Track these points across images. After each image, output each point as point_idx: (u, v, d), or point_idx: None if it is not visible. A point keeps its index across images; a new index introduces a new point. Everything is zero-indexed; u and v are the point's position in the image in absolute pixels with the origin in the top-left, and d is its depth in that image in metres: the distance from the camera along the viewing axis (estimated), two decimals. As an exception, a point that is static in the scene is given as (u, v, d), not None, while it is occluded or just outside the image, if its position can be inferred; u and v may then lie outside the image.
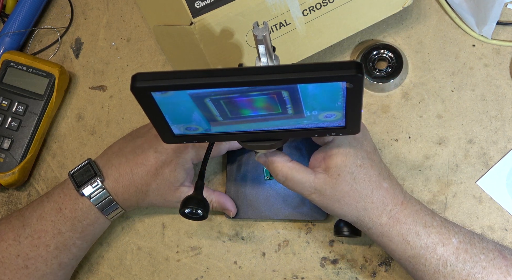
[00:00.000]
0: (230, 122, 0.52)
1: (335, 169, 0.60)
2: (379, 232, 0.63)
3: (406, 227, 0.61)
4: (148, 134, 0.70)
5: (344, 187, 0.61)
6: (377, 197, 0.61)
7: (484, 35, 0.74)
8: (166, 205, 0.71)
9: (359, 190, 0.61)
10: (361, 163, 0.61)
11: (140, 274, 0.76)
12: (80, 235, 0.69)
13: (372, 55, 0.74)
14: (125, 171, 0.68)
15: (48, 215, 0.68)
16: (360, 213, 0.62)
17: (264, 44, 0.52)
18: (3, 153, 0.76)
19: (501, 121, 0.73)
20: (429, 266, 0.61)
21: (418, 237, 0.61)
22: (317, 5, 0.67)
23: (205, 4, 0.65)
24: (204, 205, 0.68)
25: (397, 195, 0.62)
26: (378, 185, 0.61)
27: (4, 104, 0.77)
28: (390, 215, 0.62)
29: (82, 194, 0.68)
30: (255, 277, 0.74)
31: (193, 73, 0.45)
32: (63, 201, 0.69)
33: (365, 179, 0.61)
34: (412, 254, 0.62)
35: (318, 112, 0.50)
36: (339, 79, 0.44)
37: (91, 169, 0.69)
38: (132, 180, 0.68)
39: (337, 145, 0.61)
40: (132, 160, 0.68)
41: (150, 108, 0.49)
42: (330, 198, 0.62)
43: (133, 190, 0.69)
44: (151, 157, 0.68)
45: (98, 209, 0.68)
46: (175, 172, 0.68)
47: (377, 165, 0.62)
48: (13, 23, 0.80)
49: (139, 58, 0.80)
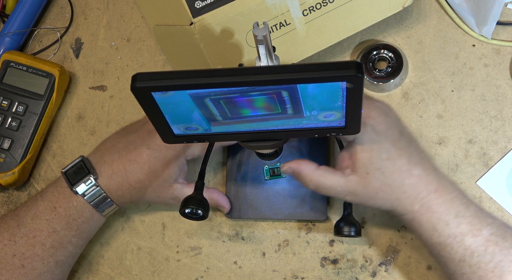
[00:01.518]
0: (230, 122, 0.52)
1: (363, 168, 0.60)
2: (411, 218, 0.62)
3: (436, 215, 0.61)
4: (141, 129, 0.70)
5: (374, 184, 0.61)
6: (409, 186, 0.61)
7: (484, 35, 0.74)
8: (160, 201, 0.71)
9: (390, 183, 0.61)
10: (387, 156, 0.60)
11: (140, 274, 0.76)
12: (75, 233, 0.69)
13: (372, 55, 0.74)
14: (118, 168, 0.68)
15: (43, 214, 0.68)
16: (394, 203, 0.62)
17: (264, 44, 0.52)
18: (3, 153, 0.76)
19: (501, 121, 0.73)
20: (454, 254, 0.61)
21: (447, 226, 0.61)
22: (317, 5, 0.67)
23: (205, 4, 0.65)
24: (204, 205, 0.68)
25: (430, 181, 0.61)
26: (408, 174, 0.61)
27: (4, 104, 0.77)
28: (422, 203, 0.61)
29: (76, 192, 0.68)
30: (255, 277, 0.74)
31: (193, 73, 0.45)
32: (57, 199, 0.69)
33: (394, 171, 0.60)
34: (438, 241, 0.61)
35: (318, 112, 0.50)
36: (339, 79, 0.44)
37: (84, 167, 0.68)
38: (126, 177, 0.68)
39: (360, 143, 0.60)
40: (125, 156, 0.68)
41: (150, 108, 0.49)
42: (364, 197, 0.62)
43: (127, 187, 0.68)
44: (144, 153, 0.67)
45: (93, 206, 0.68)
46: (168, 169, 0.68)
47: (406, 152, 0.61)
48: (13, 23, 0.80)
49: (139, 58, 0.80)
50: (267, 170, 0.74)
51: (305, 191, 0.73)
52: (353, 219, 0.69)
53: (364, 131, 0.59)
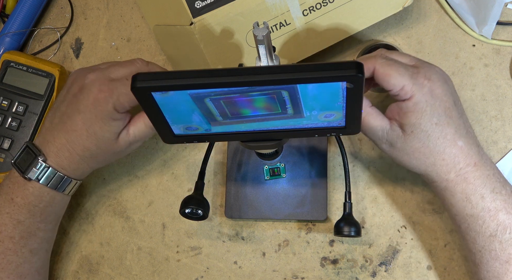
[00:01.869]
0: (230, 122, 0.52)
1: (409, 126, 0.60)
2: (443, 186, 0.62)
3: (472, 187, 0.60)
4: (67, 95, 0.67)
5: (416, 143, 0.60)
6: (449, 155, 0.60)
7: (484, 35, 0.74)
8: (120, 156, 0.69)
9: (431, 147, 0.60)
10: (437, 121, 0.60)
11: (140, 274, 0.76)
12: (40, 218, 0.68)
13: (372, 55, 0.74)
14: (61, 142, 0.66)
15: (2, 208, 0.67)
16: (429, 168, 0.62)
17: (265, 44, 0.52)
18: (3, 153, 0.76)
19: (501, 121, 0.73)
20: (486, 228, 0.60)
21: (482, 199, 0.60)
22: (317, 5, 0.67)
23: (205, 4, 0.65)
24: (204, 205, 0.68)
25: (471, 155, 0.61)
26: (452, 143, 0.60)
27: (4, 104, 0.77)
28: (458, 173, 0.61)
29: (29, 178, 0.66)
30: (255, 277, 0.74)
31: (193, 73, 0.45)
32: (12, 190, 0.67)
33: (440, 136, 0.60)
34: (471, 213, 0.61)
35: (318, 112, 0.50)
36: (339, 79, 0.44)
37: (31, 151, 0.66)
38: (71, 149, 0.66)
39: (414, 103, 0.59)
40: (63, 129, 0.66)
41: (150, 108, 0.49)
42: (400, 151, 0.62)
43: (77, 159, 0.67)
44: (78, 119, 0.65)
45: (51, 188, 0.67)
46: (105, 126, 0.65)
47: (455, 122, 0.60)
48: (13, 23, 0.80)
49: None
50: (267, 170, 0.74)
51: (305, 191, 0.73)
52: (353, 219, 0.69)
53: (422, 91, 0.59)
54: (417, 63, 0.61)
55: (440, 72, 0.61)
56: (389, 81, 0.59)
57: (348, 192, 0.70)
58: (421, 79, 0.59)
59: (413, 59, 0.62)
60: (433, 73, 0.60)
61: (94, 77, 0.65)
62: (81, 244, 0.77)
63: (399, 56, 0.62)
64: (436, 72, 0.61)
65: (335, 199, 0.74)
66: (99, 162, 0.69)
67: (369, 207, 0.74)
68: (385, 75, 0.59)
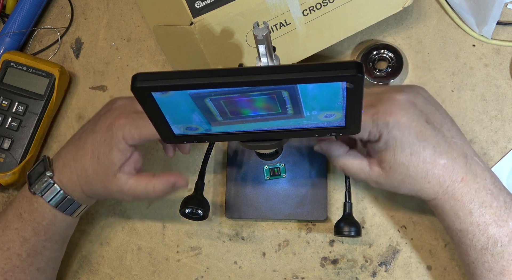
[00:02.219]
0: (230, 122, 0.52)
1: (386, 163, 0.61)
2: (434, 204, 0.62)
3: (460, 204, 0.60)
4: (95, 116, 0.66)
5: (397, 176, 0.61)
6: (432, 177, 0.60)
7: (484, 35, 0.74)
8: (110, 195, 0.66)
9: (413, 175, 0.60)
10: (410, 151, 0.60)
11: (140, 274, 0.76)
12: (45, 237, 0.66)
13: (372, 55, 0.74)
14: (68, 158, 0.65)
15: (11, 223, 0.66)
16: (418, 192, 0.62)
17: (265, 44, 0.52)
18: (3, 153, 0.76)
19: (501, 121, 0.73)
20: (476, 242, 0.60)
21: (470, 215, 0.60)
22: (317, 5, 0.67)
23: (205, 4, 0.65)
24: (204, 205, 0.68)
25: (457, 170, 0.60)
26: (433, 165, 0.60)
27: (4, 104, 0.77)
28: (446, 191, 0.61)
29: (33, 192, 0.65)
30: (255, 277, 0.74)
31: (193, 73, 0.45)
32: (21, 204, 0.66)
33: (418, 164, 0.60)
34: (460, 228, 0.61)
35: (318, 112, 0.50)
36: (339, 79, 0.44)
37: (43, 165, 0.65)
38: (74, 167, 0.64)
39: (383, 142, 0.60)
40: (75, 145, 0.65)
41: (150, 108, 0.49)
42: (387, 185, 0.63)
43: (75, 178, 0.64)
44: (89, 139, 0.64)
45: (53, 205, 0.65)
46: (108, 153, 0.62)
47: (432, 142, 0.60)
48: (13, 23, 0.80)
49: (139, 58, 0.80)
50: (267, 170, 0.74)
51: (305, 191, 0.73)
52: (353, 219, 0.69)
53: (387, 129, 0.59)
54: (375, 99, 0.61)
55: (402, 98, 0.60)
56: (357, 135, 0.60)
57: (348, 192, 0.70)
58: (382, 117, 0.59)
59: (371, 96, 0.62)
60: (393, 105, 0.60)
61: (121, 103, 0.65)
62: (81, 244, 0.77)
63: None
64: (397, 101, 0.60)
65: (335, 199, 0.74)
66: (92, 191, 0.65)
67: (369, 207, 0.74)
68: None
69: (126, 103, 0.66)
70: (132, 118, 0.63)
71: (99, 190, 0.65)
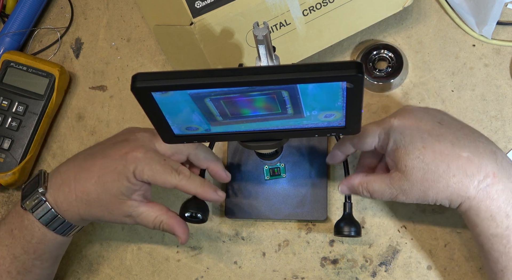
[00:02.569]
0: (230, 122, 0.52)
1: (401, 163, 0.59)
2: (468, 205, 0.58)
3: (496, 204, 0.57)
4: (109, 141, 0.65)
5: (417, 174, 0.58)
6: (457, 169, 0.57)
7: (484, 35, 0.74)
8: (113, 219, 0.64)
9: (434, 169, 0.57)
10: (423, 144, 0.58)
11: (140, 274, 0.76)
12: (34, 256, 0.65)
13: (372, 55, 0.74)
14: (68, 177, 0.63)
15: (3, 239, 0.64)
16: (446, 192, 0.58)
17: (265, 44, 0.52)
18: (3, 153, 0.76)
19: (501, 121, 0.73)
20: (510, 248, 0.57)
21: (506, 217, 0.57)
22: (317, 5, 0.67)
23: (205, 4, 0.65)
24: (204, 208, 0.68)
25: (486, 164, 0.57)
26: (454, 157, 0.57)
27: (4, 104, 0.77)
28: (479, 188, 0.57)
29: (24, 208, 0.63)
30: (255, 277, 0.74)
31: (193, 73, 0.45)
32: (13, 220, 0.64)
33: (436, 156, 0.57)
34: (495, 233, 0.57)
35: (318, 112, 0.50)
36: (339, 79, 0.44)
37: (38, 180, 0.63)
38: (74, 187, 0.62)
39: (392, 142, 0.60)
40: (79, 165, 0.63)
41: (150, 108, 0.49)
42: (412, 191, 0.59)
43: (73, 198, 0.62)
44: (98, 162, 0.62)
45: (42, 223, 0.63)
46: (117, 182, 0.61)
47: (448, 137, 0.58)
48: (13, 23, 0.80)
49: (139, 58, 0.80)
50: (267, 170, 0.74)
51: (305, 191, 0.73)
52: (353, 219, 0.69)
53: (393, 129, 0.60)
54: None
55: (413, 107, 0.62)
56: (366, 140, 0.62)
57: (348, 192, 0.70)
58: (387, 120, 0.61)
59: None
60: (398, 111, 0.62)
61: (143, 136, 0.63)
62: (81, 244, 0.77)
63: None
64: (403, 108, 0.62)
65: (335, 199, 0.74)
66: (91, 214, 0.63)
67: (369, 207, 0.74)
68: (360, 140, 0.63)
69: (148, 138, 0.63)
70: (150, 158, 0.61)
71: (100, 214, 0.63)
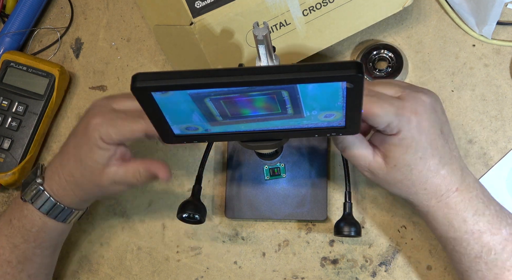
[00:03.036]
0: (230, 122, 0.52)
1: (392, 159, 0.58)
2: (425, 211, 0.61)
3: (453, 212, 0.60)
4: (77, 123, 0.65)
5: (398, 176, 0.59)
6: (431, 184, 0.59)
7: (484, 35, 0.74)
8: (105, 192, 0.65)
9: (413, 179, 0.59)
10: (421, 155, 0.58)
11: (140, 274, 0.76)
12: (35, 244, 0.66)
13: (372, 55, 0.74)
14: (56, 165, 0.64)
15: (2, 229, 0.66)
16: (410, 196, 0.61)
17: (265, 44, 0.52)
18: (3, 153, 0.76)
19: (501, 121, 0.73)
20: (470, 250, 0.60)
21: (464, 223, 0.60)
22: (317, 5, 0.67)
23: (205, 4, 0.65)
24: (201, 209, 0.69)
25: (454, 181, 0.60)
26: (435, 173, 0.59)
27: (4, 104, 0.77)
28: (440, 199, 0.60)
29: (24, 200, 0.64)
30: (255, 277, 0.74)
31: (194, 73, 0.45)
32: (12, 211, 0.66)
33: (423, 169, 0.59)
34: (454, 236, 0.60)
35: (318, 112, 0.50)
36: (339, 79, 0.44)
37: (35, 172, 0.65)
38: (61, 173, 0.64)
39: (400, 138, 0.57)
40: (61, 153, 0.64)
41: (150, 108, 0.49)
42: (381, 180, 0.61)
43: (65, 184, 0.64)
44: (71, 143, 0.63)
45: (43, 212, 0.64)
46: (90, 153, 0.61)
47: (440, 152, 0.59)
48: (13, 23, 0.80)
49: (139, 58, 0.80)
50: (267, 170, 0.74)
51: (305, 191, 0.73)
52: (353, 219, 0.69)
53: (408, 127, 0.57)
54: (403, 93, 0.58)
55: (428, 102, 0.58)
56: (374, 120, 0.56)
57: (348, 192, 0.70)
58: (407, 113, 0.57)
59: (399, 88, 0.59)
60: (420, 105, 0.58)
61: (97, 103, 0.63)
62: (81, 244, 0.77)
63: (383, 86, 0.59)
64: (423, 102, 0.58)
65: (335, 199, 0.74)
66: (85, 193, 0.65)
67: (369, 207, 0.74)
68: (370, 113, 0.56)
69: (102, 103, 0.63)
70: (109, 118, 0.60)
71: (92, 190, 0.64)
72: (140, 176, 0.63)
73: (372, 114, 0.55)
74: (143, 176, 0.63)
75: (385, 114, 0.56)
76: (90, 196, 0.66)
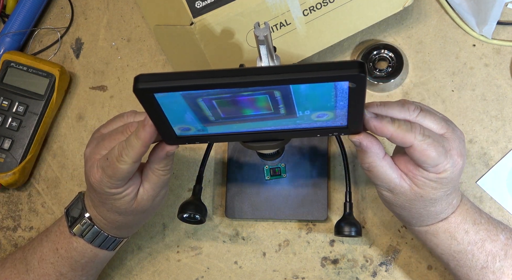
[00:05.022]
0: (224, 122, 0.52)
1: (422, 192, 0.56)
2: (424, 230, 0.61)
3: (454, 225, 0.60)
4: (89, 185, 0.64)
5: (418, 204, 0.58)
6: (439, 208, 0.59)
7: (485, 35, 0.74)
8: (152, 213, 0.67)
9: (432, 210, 0.59)
10: (450, 192, 0.58)
11: (141, 274, 0.76)
12: (82, 272, 0.68)
13: (373, 55, 0.74)
14: (94, 214, 0.65)
15: (47, 256, 0.67)
16: (414, 220, 0.61)
17: (265, 44, 0.52)
18: (4, 153, 0.76)
19: (502, 121, 0.73)
20: (476, 261, 0.60)
21: (466, 234, 0.60)
22: (318, 5, 0.67)
23: (205, 4, 0.65)
24: (201, 209, 0.68)
25: (455, 204, 0.60)
26: (445, 201, 0.59)
27: (5, 104, 0.77)
28: (440, 219, 0.60)
29: (73, 233, 0.65)
30: (256, 277, 0.74)
31: (196, 74, 0.45)
32: (58, 240, 0.67)
33: (445, 203, 0.59)
34: (458, 250, 0.60)
35: (311, 112, 0.50)
36: (342, 78, 0.44)
37: (81, 205, 0.66)
38: (104, 220, 0.65)
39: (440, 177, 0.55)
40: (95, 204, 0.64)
41: (152, 109, 0.48)
42: (396, 204, 0.59)
43: (114, 227, 0.65)
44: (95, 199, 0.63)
45: (95, 245, 0.66)
46: (116, 204, 0.61)
47: (455, 185, 0.58)
48: (13, 23, 0.80)
49: (140, 58, 0.80)
50: (267, 170, 0.74)
51: (305, 191, 0.73)
52: (354, 219, 0.69)
53: (453, 169, 0.55)
54: (446, 132, 0.56)
55: (463, 139, 0.57)
56: (426, 161, 0.54)
57: (349, 192, 0.70)
58: (455, 156, 0.55)
59: (441, 122, 0.56)
60: (462, 146, 0.56)
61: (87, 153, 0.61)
62: (81, 244, 0.77)
63: (430, 119, 0.56)
64: (463, 142, 0.57)
65: (336, 199, 0.74)
66: (137, 224, 0.67)
67: (369, 207, 0.74)
68: (425, 155, 0.54)
69: (91, 151, 0.60)
70: (102, 168, 0.58)
71: (140, 219, 0.66)
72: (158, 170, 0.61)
73: (428, 157, 0.54)
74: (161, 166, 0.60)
75: (439, 157, 0.54)
76: (143, 221, 0.69)
